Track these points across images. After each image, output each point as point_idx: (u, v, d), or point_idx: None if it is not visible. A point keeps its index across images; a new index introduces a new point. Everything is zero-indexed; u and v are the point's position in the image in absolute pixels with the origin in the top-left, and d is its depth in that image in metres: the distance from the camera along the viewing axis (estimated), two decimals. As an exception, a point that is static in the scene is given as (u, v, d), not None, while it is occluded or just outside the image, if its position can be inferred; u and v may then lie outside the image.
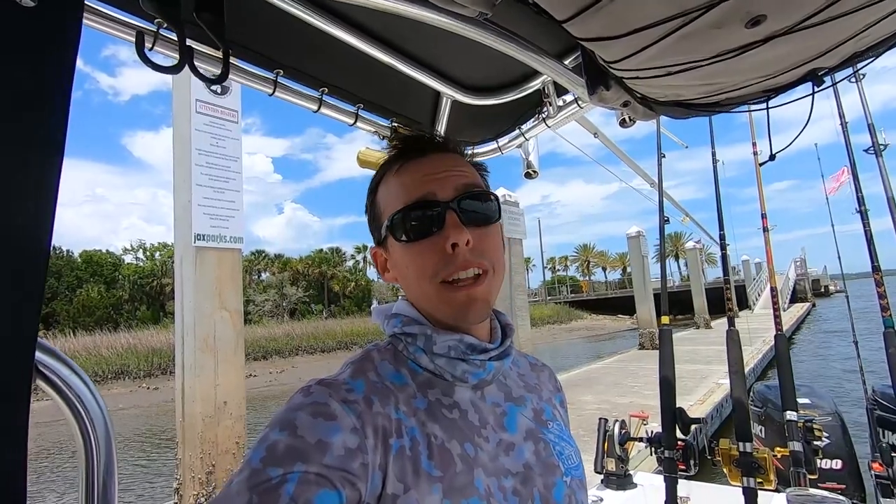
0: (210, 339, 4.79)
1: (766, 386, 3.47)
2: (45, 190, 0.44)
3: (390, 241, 0.68)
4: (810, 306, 31.38)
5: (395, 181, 0.68)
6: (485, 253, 0.64)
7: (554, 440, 0.69)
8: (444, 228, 0.63)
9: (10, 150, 0.42)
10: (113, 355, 19.72)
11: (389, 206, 0.67)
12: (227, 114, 5.14)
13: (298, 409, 0.54)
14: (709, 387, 8.08)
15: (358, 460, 0.52)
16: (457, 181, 0.66)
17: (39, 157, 0.43)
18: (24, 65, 0.43)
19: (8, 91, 0.42)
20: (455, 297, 0.63)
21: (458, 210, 0.64)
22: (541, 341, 26.21)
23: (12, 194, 0.42)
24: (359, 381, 0.61)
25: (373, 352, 0.68)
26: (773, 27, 0.70)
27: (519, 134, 1.67)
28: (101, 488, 0.49)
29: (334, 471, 0.50)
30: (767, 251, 2.21)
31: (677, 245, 56.11)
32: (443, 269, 0.63)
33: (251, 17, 1.00)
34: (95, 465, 0.49)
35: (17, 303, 0.41)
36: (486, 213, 0.67)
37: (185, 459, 4.64)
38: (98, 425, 0.48)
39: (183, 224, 4.87)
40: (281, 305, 37.41)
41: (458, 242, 0.62)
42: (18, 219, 0.42)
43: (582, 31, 0.71)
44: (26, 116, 0.43)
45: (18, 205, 0.42)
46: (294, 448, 0.50)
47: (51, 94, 0.44)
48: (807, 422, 1.68)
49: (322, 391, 0.57)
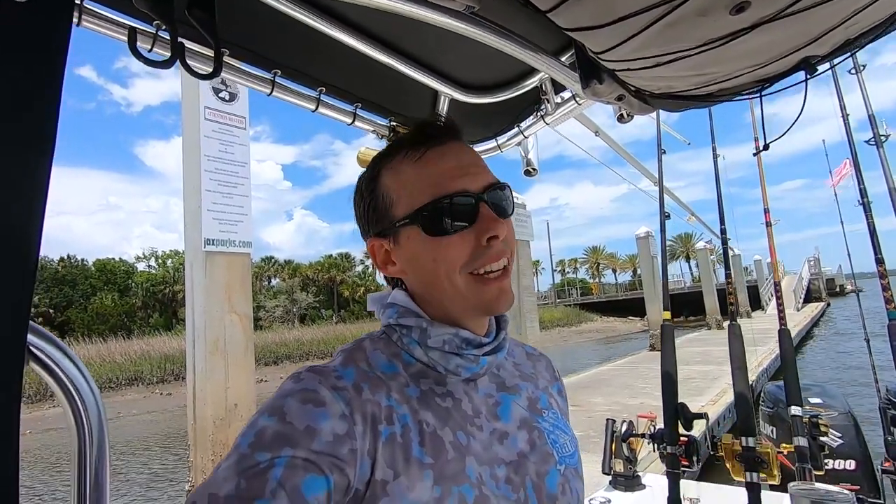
0: (220, 343, 4.84)
1: (777, 385, 3.42)
2: (36, 177, 0.45)
3: (408, 232, 0.65)
4: (825, 306, 30.91)
5: (417, 171, 0.65)
6: (509, 245, 0.66)
7: (549, 428, 0.69)
8: (481, 221, 0.63)
9: (4, 143, 0.43)
10: (127, 362, 19.96)
11: (410, 197, 0.64)
12: (234, 120, 5.22)
13: (288, 396, 0.55)
14: (720, 388, 7.98)
15: (346, 446, 0.52)
16: (483, 173, 0.66)
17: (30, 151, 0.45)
18: (14, 64, 0.44)
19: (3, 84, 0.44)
20: (486, 289, 0.63)
21: (489, 201, 0.64)
22: (550, 343, 26.08)
23: (2, 181, 0.43)
24: (349, 369, 0.61)
25: (365, 341, 0.68)
26: (758, 13, 0.70)
27: (518, 132, 1.68)
28: (93, 468, 0.50)
29: (322, 456, 0.50)
30: (770, 246, 2.19)
31: (688, 246, 55.60)
32: (475, 261, 0.63)
33: (247, 18, 1.02)
34: (88, 446, 0.50)
35: (9, 285, 0.42)
36: (508, 205, 0.67)
37: (197, 461, 4.69)
38: (90, 406, 0.50)
39: (193, 229, 4.94)
40: (291, 311, 37.62)
41: (499, 235, 0.62)
42: (9, 205, 0.43)
43: (567, 20, 0.71)
44: (16, 115, 0.44)
45: (9, 192, 0.43)
46: (282, 433, 0.50)
47: (41, 93, 0.45)
48: (812, 417, 1.66)
49: (312, 378, 0.57)
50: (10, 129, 0.44)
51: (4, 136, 0.44)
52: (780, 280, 2.18)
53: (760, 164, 2.26)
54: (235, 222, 5.08)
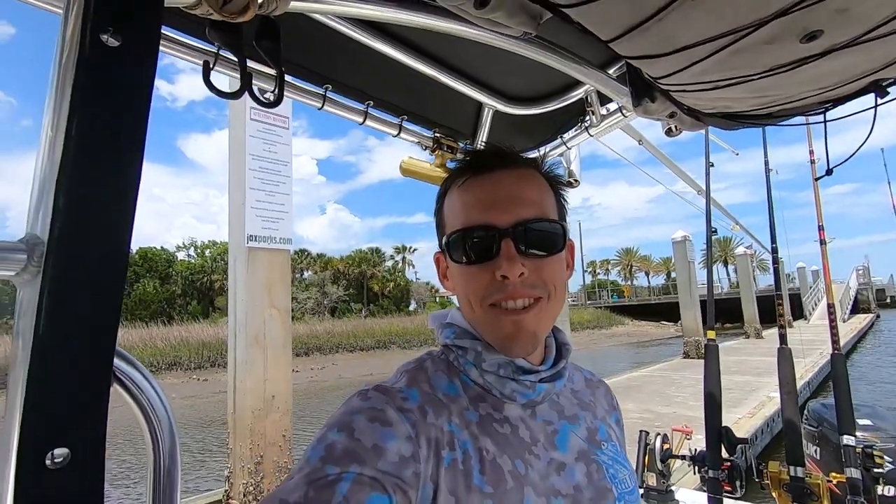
0: (260, 336, 4.99)
1: (823, 404, 3.27)
2: (125, 208, 0.48)
3: (447, 255, 0.68)
4: (874, 317, 29.33)
5: (458, 197, 0.66)
6: (540, 283, 0.62)
7: (608, 462, 0.68)
8: (498, 258, 0.61)
9: (99, 174, 0.47)
10: (167, 347, 20.82)
11: (450, 222, 0.67)
12: (278, 120, 5.36)
13: (356, 413, 0.56)
14: (759, 399, 7.69)
15: (411, 469, 0.53)
16: (519, 207, 0.63)
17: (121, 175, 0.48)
18: (111, 96, 0.48)
19: (100, 122, 0.47)
20: (502, 322, 0.61)
21: (515, 238, 0.61)
22: (579, 346, 25.70)
23: (98, 212, 0.47)
24: (414, 391, 0.62)
25: (427, 361, 0.68)
26: (830, 41, 0.67)
27: (561, 143, 1.66)
28: (166, 485, 0.53)
29: (387, 476, 0.51)
30: (825, 264, 2.09)
31: (726, 250, 53.67)
32: (492, 296, 0.62)
33: (304, 37, 1.05)
34: (162, 464, 0.53)
35: (99, 312, 0.46)
36: (546, 242, 0.63)
37: (236, 450, 4.85)
38: (164, 428, 0.53)
39: (237, 225, 5.11)
40: (322, 303, 38.35)
41: (509, 276, 0.60)
42: (102, 234, 0.47)
43: (628, 49, 0.70)
44: (111, 142, 0.48)
45: (103, 222, 0.47)
46: (351, 450, 0.51)
47: (132, 119, 0.49)
48: (866, 447, 1.58)
49: (379, 397, 0.58)
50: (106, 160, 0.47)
51: (102, 169, 0.47)
52: (833, 301, 2.07)
53: (818, 190, 2.16)
54: (277, 219, 5.22)
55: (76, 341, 0.44)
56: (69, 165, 0.44)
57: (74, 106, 0.45)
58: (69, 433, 0.43)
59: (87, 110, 0.46)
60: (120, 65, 0.48)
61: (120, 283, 0.48)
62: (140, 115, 0.49)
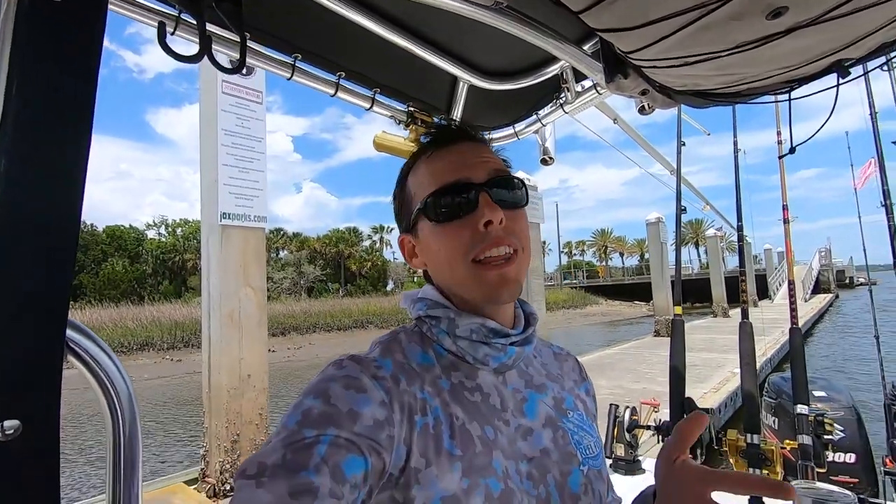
0: (235, 315, 4.92)
1: (782, 377, 3.43)
2: (73, 176, 0.47)
3: (421, 224, 0.70)
4: (833, 297, 30.67)
5: (427, 167, 0.71)
6: (515, 233, 0.67)
7: (573, 429, 0.71)
8: (479, 208, 0.65)
9: (43, 138, 0.45)
10: (138, 327, 20.40)
11: (422, 191, 0.70)
12: (251, 94, 5.18)
13: (332, 380, 0.57)
14: (723, 375, 8.02)
15: (385, 432, 0.55)
16: (489, 166, 0.69)
17: (69, 142, 0.46)
18: (54, 57, 0.45)
19: (41, 83, 0.45)
20: (487, 276, 0.64)
21: (491, 192, 0.67)
22: (555, 325, 26.20)
23: (44, 181, 0.45)
24: (387, 360, 0.63)
25: (400, 334, 0.70)
26: (794, 19, 0.68)
27: (536, 119, 1.66)
28: (127, 457, 0.53)
29: (363, 438, 0.52)
30: (787, 243, 2.17)
31: (698, 232, 55.06)
32: (475, 247, 0.65)
33: (272, 3, 1.01)
34: (122, 437, 0.53)
35: (48, 283, 0.44)
36: (515, 198, 0.70)
37: (212, 428, 4.82)
38: (123, 399, 0.52)
39: (209, 203, 4.96)
40: (299, 283, 38.01)
41: (493, 220, 0.64)
42: (49, 203, 0.45)
43: (598, 21, 0.70)
44: (56, 104, 0.46)
45: (49, 190, 0.45)
46: (328, 414, 0.53)
47: (78, 82, 0.47)
48: (818, 416, 1.67)
49: (354, 366, 0.59)
50: (49, 123, 0.45)
51: (45, 133, 0.45)
52: (794, 279, 2.16)
53: (783, 168, 2.22)
54: (251, 197, 5.09)
55: (26, 313, 0.43)
56: (10, 128, 0.42)
57: (13, 65, 0.43)
58: (20, 405, 0.42)
59: (27, 71, 0.43)
60: (65, 22, 0.46)
61: (71, 253, 0.46)
62: (87, 77, 0.47)
